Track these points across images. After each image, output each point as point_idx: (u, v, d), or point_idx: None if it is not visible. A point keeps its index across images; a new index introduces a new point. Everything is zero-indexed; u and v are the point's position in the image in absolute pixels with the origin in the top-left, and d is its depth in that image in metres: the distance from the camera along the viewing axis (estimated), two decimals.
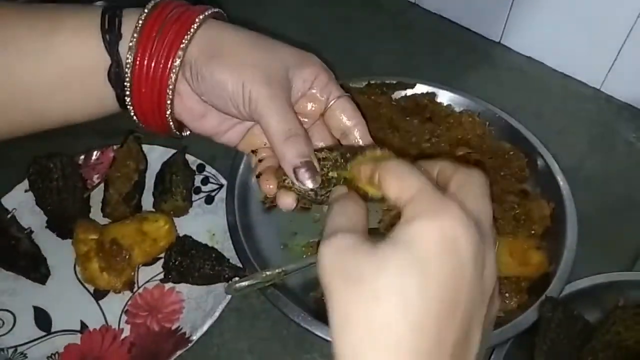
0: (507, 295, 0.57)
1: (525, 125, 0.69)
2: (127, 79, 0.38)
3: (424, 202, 0.27)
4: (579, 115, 0.76)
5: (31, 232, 0.63)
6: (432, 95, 0.73)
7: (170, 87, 0.38)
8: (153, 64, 0.38)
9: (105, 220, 0.63)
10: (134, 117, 0.41)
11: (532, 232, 0.61)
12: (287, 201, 0.39)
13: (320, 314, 0.54)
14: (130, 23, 0.38)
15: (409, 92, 0.73)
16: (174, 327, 0.56)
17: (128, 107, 0.40)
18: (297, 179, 0.37)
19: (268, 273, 0.53)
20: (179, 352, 0.53)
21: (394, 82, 0.73)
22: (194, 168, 0.67)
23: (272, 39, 0.41)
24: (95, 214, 0.64)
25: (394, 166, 0.30)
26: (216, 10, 0.40)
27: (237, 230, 0.61)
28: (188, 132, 0.44)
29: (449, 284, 0.25)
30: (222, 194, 0.65)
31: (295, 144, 0.37)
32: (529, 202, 0.62)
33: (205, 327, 0.55)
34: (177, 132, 0.42)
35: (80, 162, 0.67)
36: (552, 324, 0.52)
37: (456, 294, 0.25)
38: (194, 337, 0.54)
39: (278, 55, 0.40)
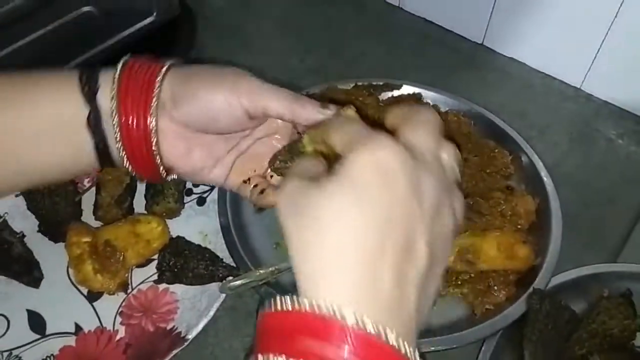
0: (495, 288, 0.58)
1: (508, 124, 0.71)
2: (115, 126, 0.40)
3: (356, 139, 0.31)
4: (560, 114, 0.78)
5: (23, 236, 0.63)
6: (418, 95, 0.74)
7: (152, 125, 0.40)
8: (134, 110, 0.40)
9: (97, 223, 0.64)
10: (127, 167, 0.42)
11: (519, 226, 0.62)
12: (274, 197, 0.42)
13: None
14: (107, 77, 0.40)
15: (396, 93, 0.75)
16: (169, 327, 0.57)
17: (120, 154, 0.41)
18: (325, 114, 0.40)
19: (262, 272, 0.53)
20: (174, 352, 0.53)
21: (381, 83, 0.75)
22: None
23: None
24: (87, 217, 0.64)
25: (334, 122, 0.36)
26: (177, 59, 0.43)
27: (230, 231, 0.61)
28: (175, 176, 0.45)
29: (383, 202, 0.29)
30: (214, 195, 0.66)
31: (307, 100, 0.41)
32: (514, 198, 0.64)
33: (200, 326, 0.55)
34: (165, 175, 0.44)
35: None
36: (539, 315, 0.54)
37: (390, 210, 0.29)
38: (190, 337, 0.54)
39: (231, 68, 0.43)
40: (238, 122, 0.41)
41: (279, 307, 0.29)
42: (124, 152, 0.41)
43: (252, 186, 0.45)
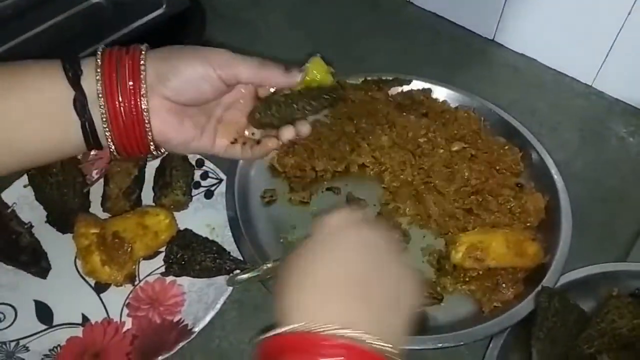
0: (503, 285, 0.58)
1: (519, 121, 0.71)
2: (102, 108, 0.44)
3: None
4: (571, 111, 0.77)
5: (31, 226, 0.63)
6: (428, 91, 0.74)
7: (145, 105, 0.45)
8: (124, 95, 0.44)
9: (105, 215, 0.64)
10: (111, 148, 0.46)
11: (528, 224, 0.62)
12: (271, 144, 0.52)
13: None
14: (89, 63, 0.44)
15: (405, 88, 0.75)
16: (175, 320, 0.57)
17: (106, 134, 0.45)
18: (290, 77, 0.48)
19: (269, 265, 0.53)
20: (181, 344, 0.53)
21: (390, 78, 0.74)
22: (193, 163, 0.68)
23: None
24: (95, 208, 0.65)
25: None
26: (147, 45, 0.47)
27: (238, 224, 0.61)
28: (162, 150, 0.49)
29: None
30: (222, 188, 0.66)
31: (273, 65, 0.48)
32: (524, 195, 0.64)
33: (207, 319, 0.55)
34: (156, 151, 0.48)
35: (79, 157, 0.67)
36: (548, 313, 0.54)
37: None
38: (196, 329, 0.54)
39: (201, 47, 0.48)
40: (217, 90, 0.47)
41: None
42: (110, 133, 0.45)
43: (241, 144, 0.51)
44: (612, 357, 0.53)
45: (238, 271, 0.58)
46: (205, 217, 0.64)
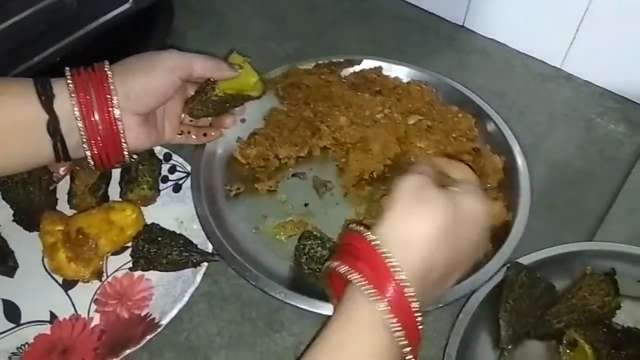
0: None
1: (488, 104, 0.71)
2: (82, 131, 0.50)
3: (473, 183, 0.49)
4: (540, 94, 0.78)
5: None
6: (379, 69, 0.75)
7: (121, 126, 0.52)
8: (101, 116, 0.50)
9: (72, 212, 0.63)
10: (90, 161, 0.53)
11: (488, 185, 0.64)
12: (229, 119, 0.64)
13: (295, 284, 0.57)
14: (60, 87, 0.49)
15: (357, 68, 0.76)
16: (143, 314, 0.56)
17: (85, 152, 0.51)
18: (233, 70, 0.58)
19: None
20: (148, 337, 0.53)
21: (341, 60, 0.76)
22: (161, 157, 0.67)
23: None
24: (62, 206, 0.64)
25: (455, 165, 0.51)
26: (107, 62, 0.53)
27: (208, 221, 0.61)
28: (135, 156, 0.58)
29: (461, 234, 0.44)
30: (190, 182, 0.65)
31: (218, 60, 0.59)
32: (481, 158, 0.66)
33: (174, 312, 0.55)
34: (129, 159, 0.56)
35: None
36: (515, 285, 0.55)
37: (456, 243, 0.43)
38: (163, 322, 0.54)
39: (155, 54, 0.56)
40: (178, 90, 0.56)
41: (369, 237, 0.41)
42: (90, 152, 0.51)
43: (186, 133, 0.63)
44: (579, 333, 0.53)
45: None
46: (174, 211, 0.64)
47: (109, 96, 0.50)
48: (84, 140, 0.50)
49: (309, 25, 0.88)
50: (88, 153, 0.51)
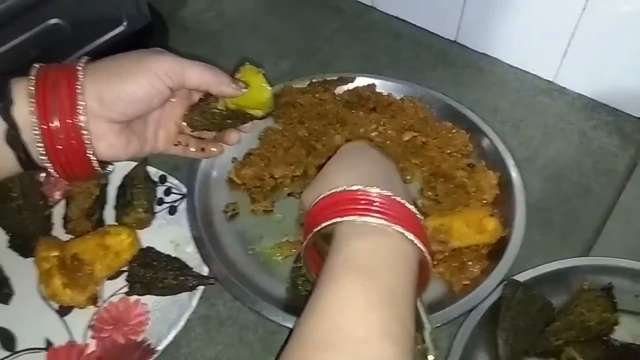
0: (470, 263, 0.60)
1: (482, 119, 0.72)
2: (39, 140, 0.42)
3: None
4: (534, 108, 0.78)
5: None
6: (373, 86, 0.76)
7: (86, 135, 0.43)
8: (62, 123, 0.42)
9: (68, 237, 0.63)
10: (54, 173, 0.45)
11: (484, 201, 0.64)
12: (233, 136, 0.54)
13: (292, 307, 0.57)
14: (21, 90, 0.42)
15: (351, 86, 0.76)
16: (139, 339, 0.56)
17: (45, 165, 0.44)
18: (236, 89, 0.49)
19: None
20: None
21: (335, 77, 0.76)
22: (156, 179, 0.67)
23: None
24: (58, 231, 0.64)
25: None
26: (88, 58, 0.46)
27: (204, 243, 0.61)
28: (111, 167, 0.49)
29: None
30: (185, 204, 0.65)
31: (222, 74, 0.48)
32: (477, 174, 0.66)
33: (170, 337, 0.55)
34: (102, 171, 0.47)
35: (41, 180, 0.67)
36: (512, 303, 0.55)
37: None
38: (160, 348, 0.54)
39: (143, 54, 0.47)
40: (165, 99, 0.47)
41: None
42: (49, 162, 0.43)
43: (184, 145, 0.54)
44: (578, 350, 0.53)
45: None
46: (169, 234, 0.64)
47: (75, 100, 0.42)
48: (42, 151, 0.43)
49: (302, 43, 0.89)
50: (49, 165, 0.44)
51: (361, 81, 0.76)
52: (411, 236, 0.41)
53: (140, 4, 0.80)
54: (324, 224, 0.43)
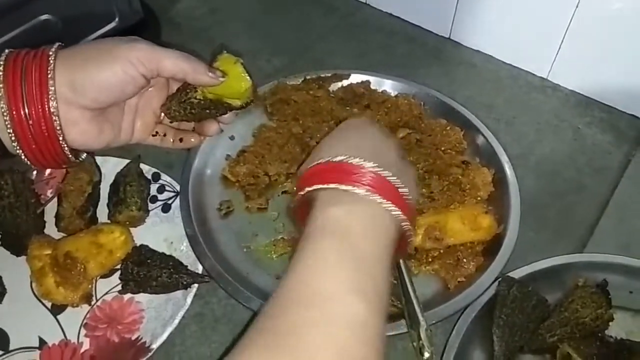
0: (464, 260, 0.60)
1: (477, 116, 0.72)
2: (9, 127, 0.42)
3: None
4: (527, 105, 0.78)
5: None
6: (367, 83, 0.75)
7: (57, 121, 0.43)
8: (32, 109, 0.42)
9: (61, 235, 0.62)
10: (25, 160, 0.45)
11: (478, 198, 0.64)
12: (212, 127, 0.53)
13: None
14: None
15: (345, 83, 0.76)
16: (134, 337, 0.56)
17: (17, 152, 0.43)
18: (213, 77, 0.47)
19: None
20: None
21: (329, 74, 0.76)
22: (149, 177, 0.67)
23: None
24: (51, 229, 0.63)
25: None
26: (59, 44, 0.45)
27: (198, 240, 0.61)
28: (84, 155, 0.49)
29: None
30: (179, 201, 0.65)
31: (198, 63, 0.47)
32: (471, 171, 0.66)
33: (165, 335, 0.54)
34: (75, 159, 0.47)
35: (33, 177, 0.66)
36: (507, 300, 0.55)
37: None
38: (154, 346, 0.54)
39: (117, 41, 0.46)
40: (140, 87, 0.46)
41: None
42: (20, 148, 0.43)
43: (161, 136, 0.53)
44: (573, 346, 0.54)
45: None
46: (163, 231, 0.64)
47: (45, 86, 0.42)
48: (10, 134, 0.42)
49: (296, 40, 0.88)
50: (20, 152, 0.44)
51: (355, 78, 0.76)
52: (390, 205, 0.42)
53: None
54: (308, 189, 0.44)
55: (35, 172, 0.67)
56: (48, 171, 0.67)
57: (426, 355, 0.49)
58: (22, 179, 0.63)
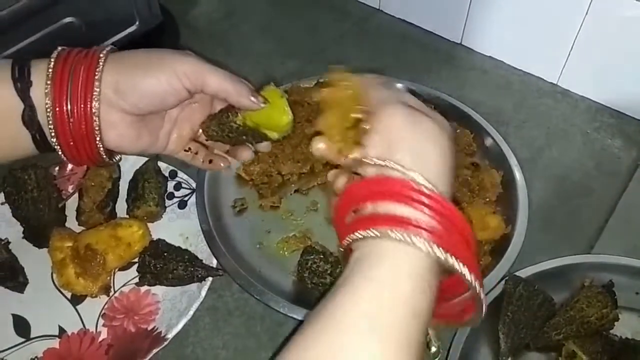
0: None
1: (486, 120, 0.73)
2: (50, 123, 0.43)
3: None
4: (537, 110, 0.79)
5: (8, 242, 0.64)
6: None
7: (96, 122, 0.44)
8: (74, 107, 0.43)
9: (81, 229, 0.65)
10: (62, 156, 0.45)
11: (487, 199, 0.65)
12: (245, 153, 0.53)
13: (298, 298, 0.58)
14: (40, 71, 0.42)
15: None
16: (149, 328, 0.58)
17: (55, 147, 0.44)
18: (255, 102, 0.47)
19: None
20: (154, 351, 0.54)
21: None
22: (166, 174, 0.69)
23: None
24: (71, 222, 0.66)
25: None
26: (112, 46, 0.45)
27: (213, 236, 0.63)
28: (118, 157, 0.49)
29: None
30: (195, 198, 0.67)
31: (243, 85, 0.46)
32: (480, 173, 0.67)
33: (180, 326, 0.56)
34: (109, 160, 0.48)
35: (55, 173, 0.69)
36: (513, 298, 0.56)
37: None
38: (169, 336, 0.56)
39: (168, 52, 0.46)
40: (181, 99, 0.46)
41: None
42: (59, 146, 0.44)
43: (193, 153, 0.53)
44: (578, 344, 0.54)
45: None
46: (179, 227, 0.66)
47: (91, 86, 0.42)
48: (52, 130, 0.43)
49: (310, 44, 0.90)
50: (57, 147, 0.44)
51: None
52: (466, 273, 0.36)
53: (152, 4, 0.82)
54: (360, 233, 0.37)
55: (57, 168, 0.69)
56: (70, 167, 0.70)
57: (433, 349, 0.50)
58: (45, 175, 0.66)
